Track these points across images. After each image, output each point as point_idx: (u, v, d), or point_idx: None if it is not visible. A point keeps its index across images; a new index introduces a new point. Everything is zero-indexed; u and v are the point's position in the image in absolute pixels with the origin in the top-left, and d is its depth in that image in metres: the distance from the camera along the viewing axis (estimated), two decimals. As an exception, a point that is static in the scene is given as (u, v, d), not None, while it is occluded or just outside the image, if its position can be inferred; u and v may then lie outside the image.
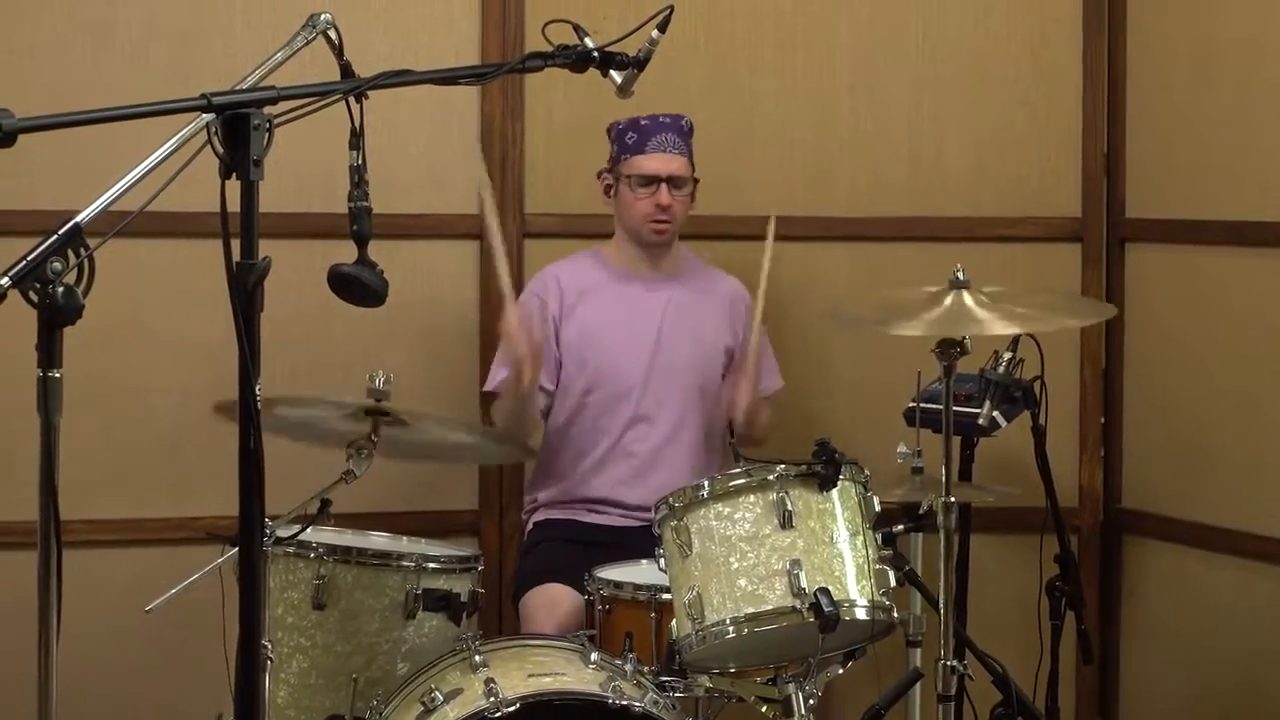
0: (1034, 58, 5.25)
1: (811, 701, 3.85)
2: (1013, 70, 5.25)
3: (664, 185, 4.63)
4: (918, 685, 4.37)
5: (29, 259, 2.89)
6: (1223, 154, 4.95)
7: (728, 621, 3.78)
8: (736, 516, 3.84)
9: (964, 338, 3.98)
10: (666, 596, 3.98)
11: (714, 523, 3.85)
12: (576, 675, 3.79)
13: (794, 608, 3.73)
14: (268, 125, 3.16)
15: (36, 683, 2.92)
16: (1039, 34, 5.25)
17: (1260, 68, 4.82)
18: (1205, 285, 5.03)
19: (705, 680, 3.93)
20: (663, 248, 4.75)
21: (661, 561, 3.96)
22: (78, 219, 2.94)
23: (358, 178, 3.32)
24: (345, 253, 3.28)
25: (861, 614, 3.79)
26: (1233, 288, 4.94)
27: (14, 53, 4.76)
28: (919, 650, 4.44)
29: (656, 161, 4.64)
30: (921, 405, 4.42)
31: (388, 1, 4.92)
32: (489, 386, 4.73)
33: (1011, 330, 4.18)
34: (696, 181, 4.72)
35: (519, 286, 4.88)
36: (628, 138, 4.68)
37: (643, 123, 4.66)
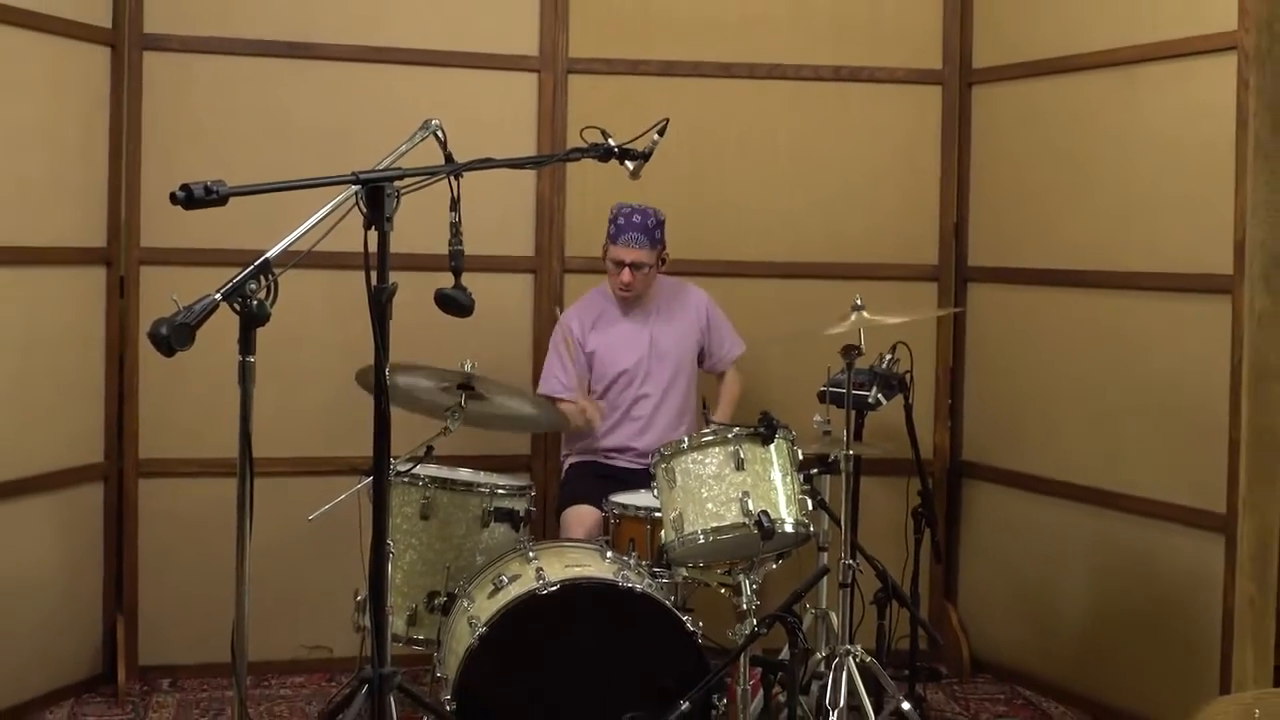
0: (908, 158, 5.22)
1: (754, 587, 3.84)
2: (894, 166, 5.22)
3: (628, 268, 4.60)
4: (825, 577, 4.34)
5: (234, 281, 2.87)
6: (1036, 223, 4.94)
7: (699, 532, 3.79)
8: (706, 461, 3.85)
9: (860, 343, 4.00)
10: (658, 515, 3.97)
11: (691, 465, 3.86)
12: (598, 566, 3.80)
13: (744, 523, 3.74)
14: (396, 194, 3.15)
15: (234, 571, 2.91)
16: (912, 142, 5.22)
17: (1065, 167, 4.82)
18: (1022, 312, 5.02)
19: (683, 571, 3.94)
20: (631, 300, 4.72)
21: (655, 491, 3.96)
22: (267, 255, 2.93)
23: (455, 230, 3.32)
24: (445, 280, 3.28)
25: (789, 528, 3.80)
26: (1041, 314, 4.93)
27: (224, 145, 4.76)
28: (826, 553, 4.42)
29: (624, 252, 4.58)
30: (830, 389, 4.41)
31: (474, 110, 4.89)
32: (542, 391, 4.71)
33: (895, 321, 4.17)
34: (663, 259, 4.67)
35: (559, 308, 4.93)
36: (610, 228, 4.63)
37: (620, 221, 4.60)
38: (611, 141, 3.58)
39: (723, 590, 3.95)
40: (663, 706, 3.52)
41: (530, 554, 3.86)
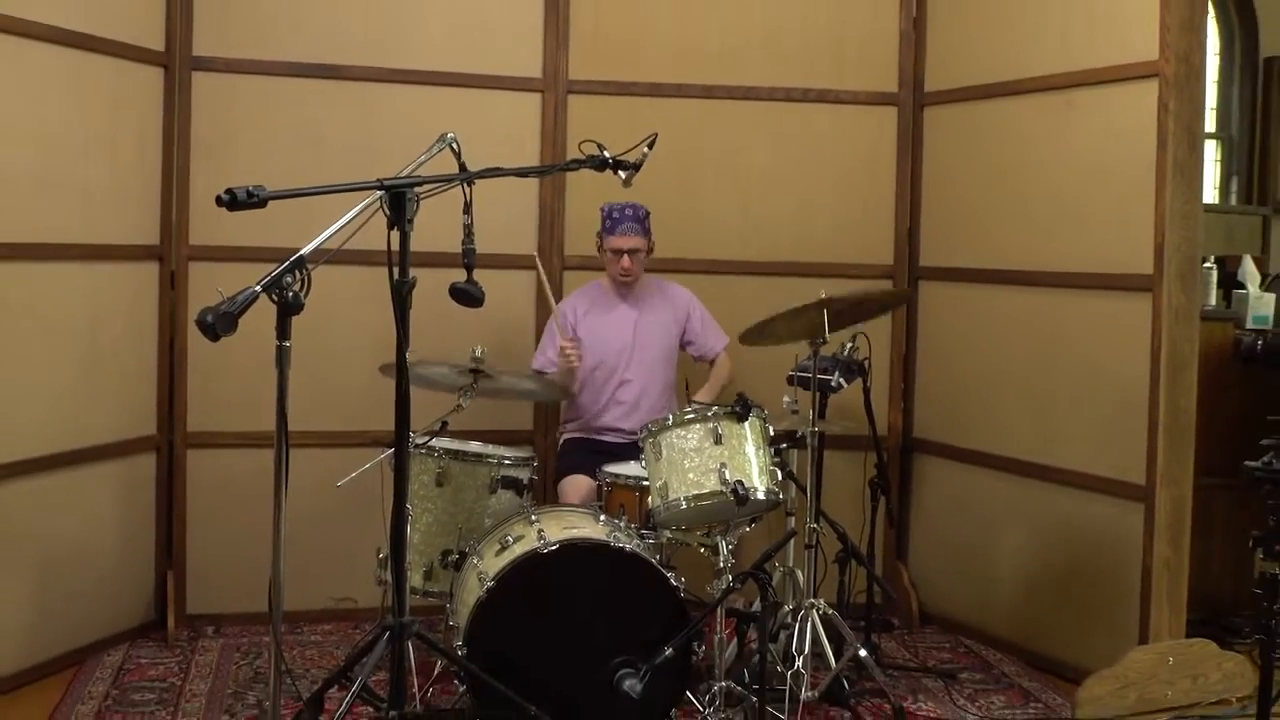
0: (867, 171, 5.21)
1: (730, 547, 3.83)
2: (854, 178, 5.21)
3: (625, 255, 4.59)
4: (792, 539, 4.34)
5: (272, 275, 2.86)
6: (980, 229, 4.94)
7: (682, 499, 3.78)
8: (689, 436, 3.84)
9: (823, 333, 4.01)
10: (646, 483, 3.96)
11: (675, 440, 3.85)
12: (592, 528, 3.79)
13: (721, 491, 3.73)
14: (416, 199, 3.14)
15: (271, 531, 2.90)
16: (871, 157, 5.21)
17: (1006, 179, 4.82)
18: (966, 307, 5.01)
19: (667, 533, 3.93)
20: (632, 284, 4.72)
21: (643, 462, 3.94)
22: (301, 252, 2.92)
23: (468, 231, 3.31)
24: (459, 275, 3.27)
25: (761, 495, 3.79)
26: (983, 309, 4.93)
27: (263, 155, 4.74)
28: (793, 518, 4.41)
29: (621, 240, 4.57)
30: (798, 374, 4.41)
31: (485, 125, 4.87)
32: (535, 366, 4.70)
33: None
34: (651, 247, 4.66)
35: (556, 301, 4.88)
36: (606, 223, 4.61)
37: (614, 215, 4.58)
38: (606, 153, 3.58)
39: (702, 550, 3.95)
40: (649, 653, 3.53)
41: (532, 517, 3.85)
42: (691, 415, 3.87)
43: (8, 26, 3.98)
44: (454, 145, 3.37)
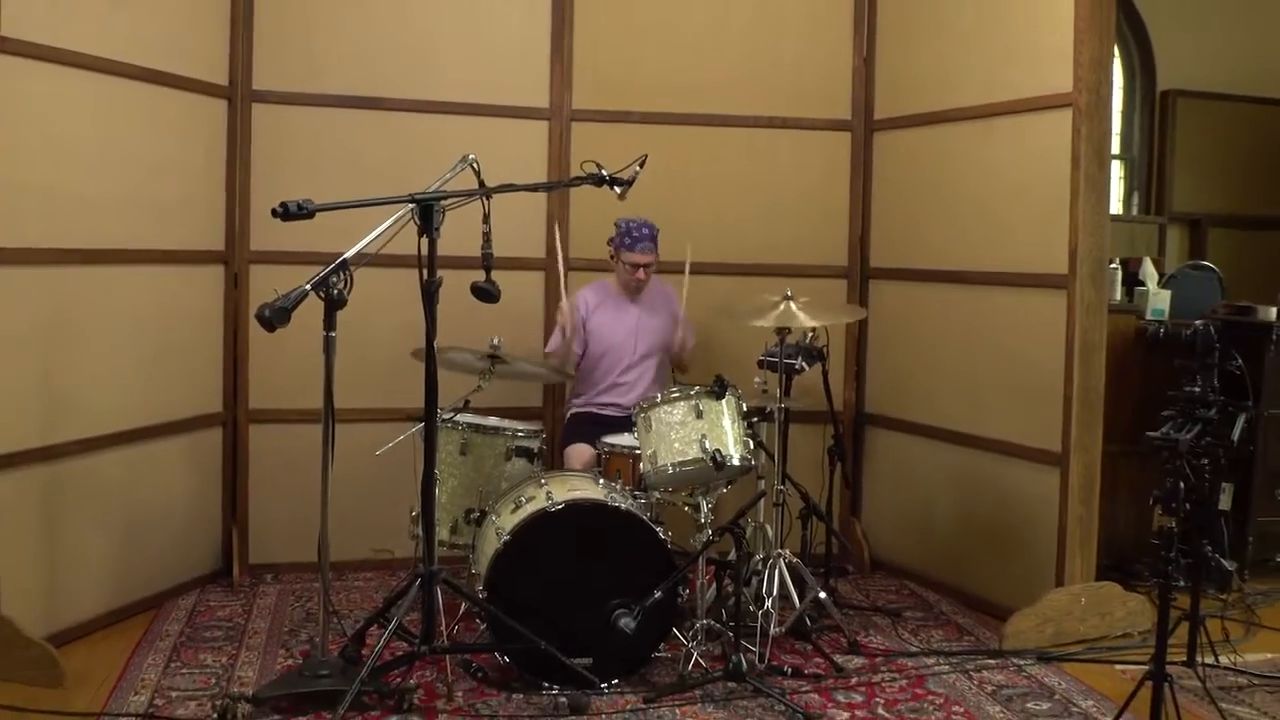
0: (825, 186, 5.19)
1: (710, 505, 3.83)
2: (814, 192, 5.19)
3: (641, 269, 4.56)
4: (762, 499, 4.34)
5: (320, 276, 2.85)
6: (921, 235, 4.93)
7: (669, 465, 3.78)
8: (675, 412, 3.84)
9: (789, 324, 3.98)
10: (638, 452, 3.95)
11: (663, 415, 3.84)
12: (593, 490, 3.78)
13: (702, 458, 3.73)
14: (442, 211, 3.13)
15: (320, 493, 2.90)
16: (828, 174, 5.19)
17: (942, 193, 4.80)
18: (909, 301, 5.00)
19: (657, 494, 3.92)
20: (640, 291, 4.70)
21: (636, 434, 3.93)
22: (345, 256, 2.91)
23: (486, 238, 3.30)
24: (478, 275, 3.26)
25: (736, 462, 3.79)
26: (924, 303, 4.92)
27: (312, 173, 4.71)
28: (763, 481, 4.40)
29: (639, 257, 4.53)
30: (766, 358, 4.40)
31: (500, 148, 4.82)
32: (547, 350, 4.69)
33: (815, 324, 4.16)
34: (657, 259, 4.64)
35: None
36: (625, 239, 4.55)
37: (634, 233, 4.53)
38: (604, 172, 3.57)
39: (686, 508, 3.95)
40: (641, 595, 3.53)
41: (542, 481, 3.85)
42: (676, 394, 3.86)
43: (96, 65, 3.95)
44: (474, 165, 3.36)
